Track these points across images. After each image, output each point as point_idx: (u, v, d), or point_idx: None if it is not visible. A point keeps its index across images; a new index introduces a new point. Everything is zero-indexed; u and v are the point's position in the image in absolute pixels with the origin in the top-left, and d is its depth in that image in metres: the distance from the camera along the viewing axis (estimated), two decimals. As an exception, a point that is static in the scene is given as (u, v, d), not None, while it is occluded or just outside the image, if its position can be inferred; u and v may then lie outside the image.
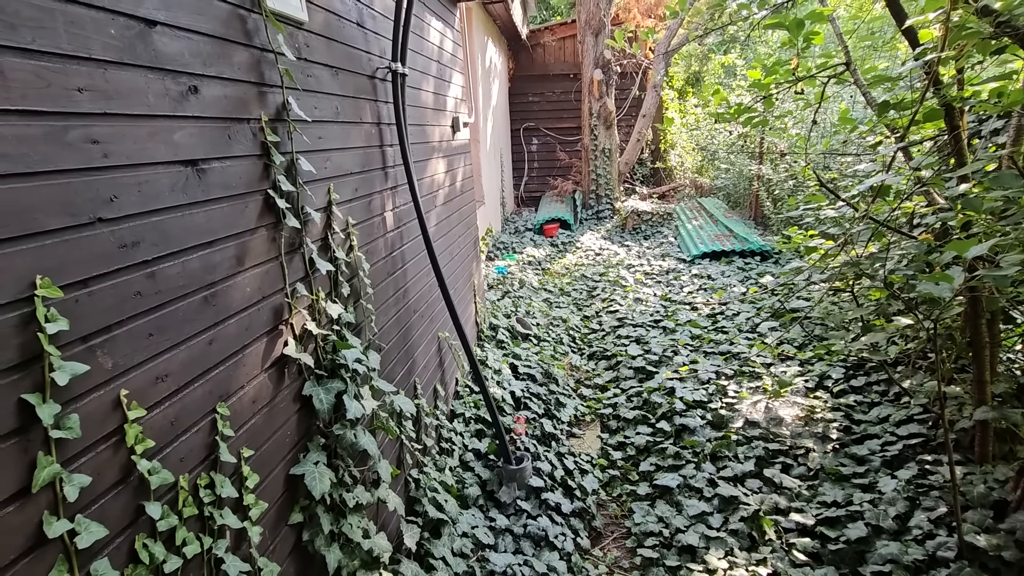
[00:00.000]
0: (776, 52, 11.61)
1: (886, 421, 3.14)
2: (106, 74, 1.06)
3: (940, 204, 2.37)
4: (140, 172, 1.14)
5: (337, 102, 2.05)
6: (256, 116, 1.53)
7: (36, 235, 0.92)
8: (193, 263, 1.28)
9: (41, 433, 0.92)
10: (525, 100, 11.16)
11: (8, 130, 0.88)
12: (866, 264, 2.30)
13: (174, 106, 1.23)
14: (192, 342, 1.28)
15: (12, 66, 0.89)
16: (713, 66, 11.81)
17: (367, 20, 2.35)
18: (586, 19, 9.20)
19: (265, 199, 1.57)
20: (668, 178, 11.32)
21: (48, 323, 0.92)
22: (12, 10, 0.89)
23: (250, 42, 1.51)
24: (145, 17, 1.15)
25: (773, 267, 6.57)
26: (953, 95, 2.23)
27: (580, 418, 3.95)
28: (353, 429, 1.87)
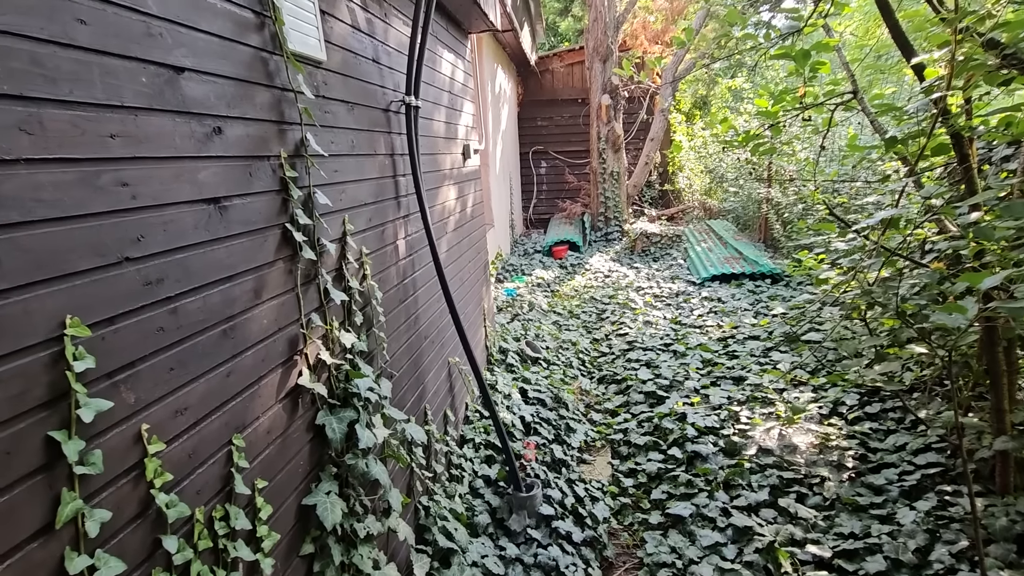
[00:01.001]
0: (783, 75, 11.72)
1: (903, 450, 3.09)
2: (137, 120, 1.11)
3: (952, 232, 2.37)
4: (166, 212, 1.18)
5: (353, 136, 2.10)
6: (276, 153, 1.58)
7: (67, 276, 0.96)
8: (214, 297, 1.31)
9: (66, 469, 0.94)
10: (534, 124, 11.31)
11: (46, 177, 0.92)
12: (878, 292, 2.30)
13: (199, 147, 1.28)
14: (211, 375, 1.30)
15: (51, 117, 0.93)
16: (720, 90, 11.93)
17: (382, 56, 2.42)
18: (594, 46, 9.36)
19: (283, 232, 1.60)
20: (676, 200, 11.36)
21: (76, 361, 0.95)
22: (53, 65, 0.94)
23: (271, 83, 1.57)
24: (174, 64, 1.21)
25: (784, 290, 6.53)
26: (961, 124, 2.25)
27: (590, 444, 3.92)
28: (365, 458, 1.87)
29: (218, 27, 1.35)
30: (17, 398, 0.87)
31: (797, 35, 2.80)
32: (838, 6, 2.83)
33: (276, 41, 1.59)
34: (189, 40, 1.26)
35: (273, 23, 1.57)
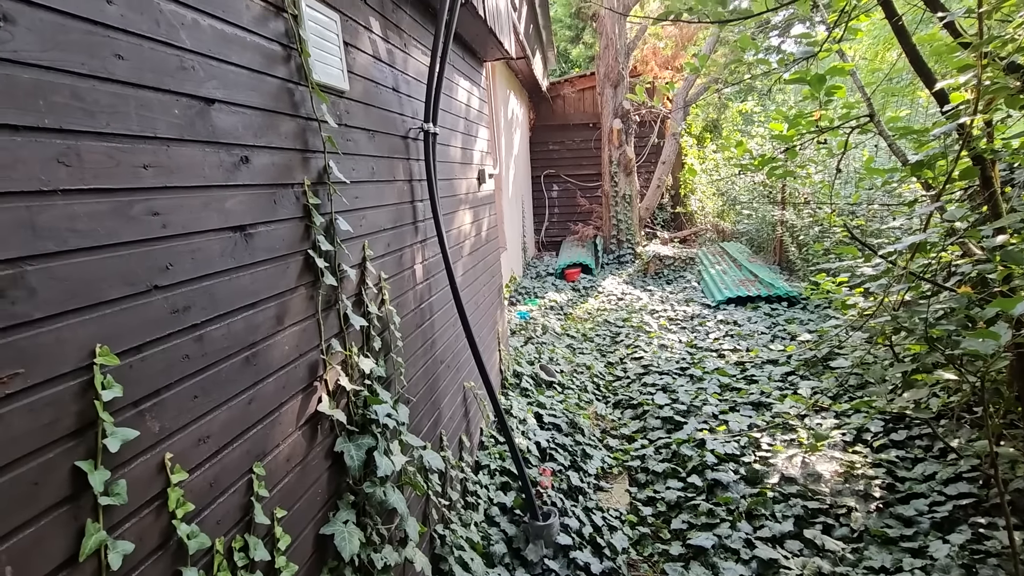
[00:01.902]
0: (794, 99, 11.77)
1: (932, 479, 2.99)
2: (169, 150, 1.13)
3: (977, 255, 2.32)
4: (193, 240, 1.19)
5: (373, 163, 2.13)
6: (300, 181, 1.60)
7: (98, 305, 0.96)
8: (238, 324, 1.32)
9: (91, 500, 0.93)
10: (546, 148, 11.43)
11: (81, 208, 0.94)
12: (904, 317, 2.25)
13: (227, 176, 1.30)
14: (233, 402, 1.30)
15: (88, 149, 0.95)
16: (731, 114, 12.00)
17: (401, 85, 2.47)
18: (605, 72, 9.50)
19: (305, 259, 1.62)
20: (689, 223, 11.35)
21: (104, 390, 0.95)
22: (92, 99, 0.96)
23: (296, 112, 1.60)
24: (205, 96, 1.23)
25: (801, 313, 6.45)
26: (984, 147, 2.23)
27: (607, 470, 3.84)
28: (383, 486, 1.85)
29: (247, 60, 1.39)
30: (48, 427, 0.87)
31: (811, 60, 2.81)
32: (852, 31, 2.85)
33: (302, 72, 1.62)
34: (220, 73, 1.29)
35: (299, 55, 1.61)
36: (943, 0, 3.02)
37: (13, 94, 0.84)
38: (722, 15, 2.37)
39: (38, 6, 0.88)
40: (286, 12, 1.56)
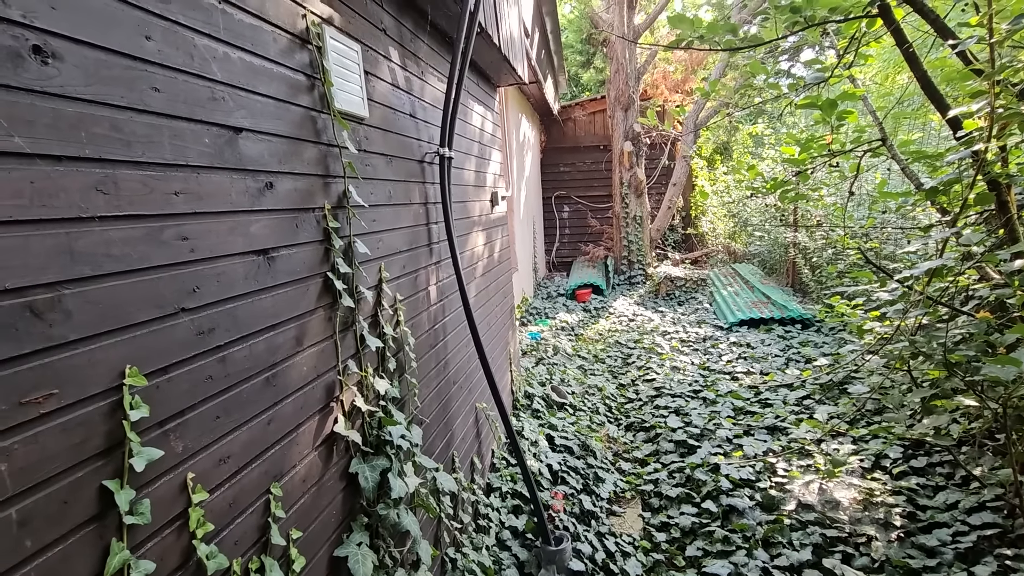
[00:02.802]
0: (804, 120, 11.80)
1: (955, 508, 2.92)
2: (199, 177, 1.17)
3: (995, 280, 2.30)
4: (219, 263, 1.22)
5: (390, 187, 2.17)
6: (320, 205, 1.64)
7: (129, 327, 0.99)
8: (259, 346, 1.34)
9: (116, 519, 0.95)
10: (557, 170, 11.54)
11: (116, 233, 0.97)
12: (922, 342, 2.23)
13: (252, 201, 1.34)
14: (253, 423, 1.32)
15: (124, 177, 0.99)
16: (742, 136, 12.07)
17: (418, 111, 2.53)
18: (615, 96, 9.62)
19: (324, 281, 1.65)
20: (700, 244, 11.33)
21: (132, 410, 0.98)
22: (130, 130, 1.00)
23: (319, 139, 1.65)
24: (234, 125, 1.28)
25: (816, 336, 6.38)
26: (998, 171, 2.23)
27: (620, 494, 3.79)
28: (396, 508, 1.85)
29: (274, 90, 1.44)
30: (78, 447, 0.89)
31: (822, 85, 2.84)
32: (862, 57, 2.88)
33: (324, 101, 1.68)
34: (248, 103, 1.34)
35: (323, 84, 1.66)
36: (952, 25, 3.05)
37: (58, 126, 0.88)
38: (732, 43, 2.42)
39: (84, 44, 0.93)
40: (311, 44, 1.62)
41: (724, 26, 2.41)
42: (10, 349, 0.80)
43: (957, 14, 2.04)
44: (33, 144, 0.84)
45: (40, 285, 0.84)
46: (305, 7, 1.60)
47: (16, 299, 0.81)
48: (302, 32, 1.58)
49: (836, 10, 2.39)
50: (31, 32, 0.85)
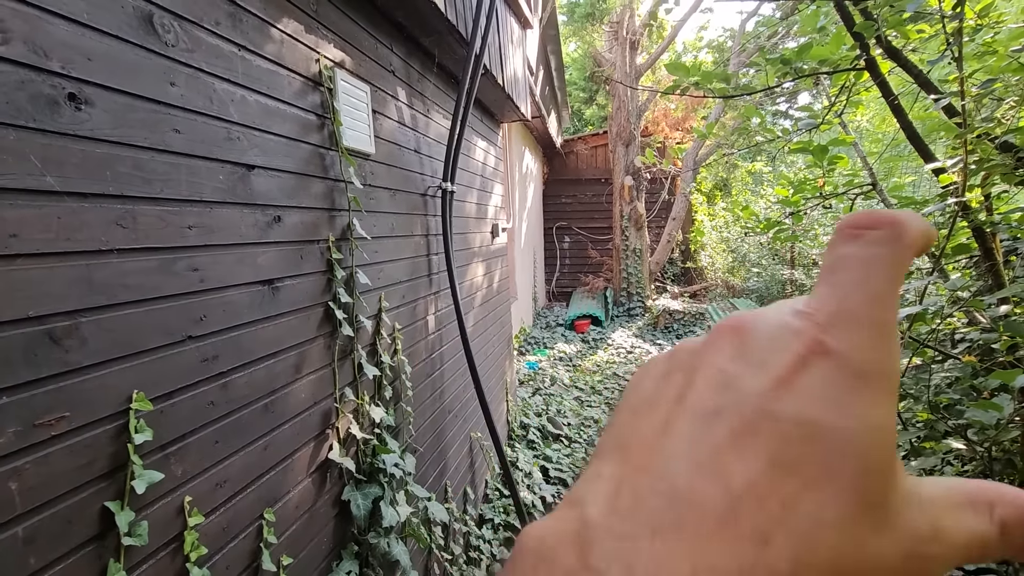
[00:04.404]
0: (802, 159, 12.02)
1: (949, 552, 2.90)
2: (211, 212, 1.24)
3: (983, 323, 2.35)
4: (226, 293, 1.28)
5: (393, 219, 2.25)
6: (324, 237, 1.71)
7: (139, 354, 1.04)
8: (260, 373, 1.39)
9: (115, 540, 0.98)
10: (558, 201, 11.72)
11: (132, 265, 1.03)
12: (909, 384, 2.26)
13: (260, 234, 1.40)
14: (250, 448, 1.35)
15: (143, 212, 1.06)
16: (741, 173, 12.28)
17: (423, 146, 2.63)
18: (617, 131, 9.85)
19: (325, 310, 1.70)
20: (699, 278, 11.42)
21: (136, 434, 1.02)
22: (151, 168, 1.08)
23: (326, 175, 1.73)
24: (247, 163, 1.36)
25: (812, 372, 6.38)
26: (983, 220, 2.30)
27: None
28: (387, 537, 1.86)
29: (286, 129, 1.52)
30: (84, 468, 0.93)
31: (814, 130, 2.95)
32: (853, 105, 2.99)
33: (333, 139, 1.76)
34: (261, 141, 1.42)
35: (332, 123, 1.75)
36: (941, 73, 3.17)
37: (86, 166, 0.95)
38: (725, 91, 2.53)
39: (114, 90, 1.01)
40: (323, 86, 1.71)
41: (717, 74, 2.52)
42: (28, 373, 0.85)
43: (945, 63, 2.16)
44: (63, 183, 0.91)
45: (60, 313, 0.90)
46: (319, 52, 1.70)
47: (37, 326, 0.86)
48: (315, 75, 1.67)
49: (825, 62, 2.51)
50: (68, 81, 0.92)
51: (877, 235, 0.18)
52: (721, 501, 0.15)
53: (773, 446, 0.16)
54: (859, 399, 0.16)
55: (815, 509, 0.15)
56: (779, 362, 0.17)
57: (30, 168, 0.86)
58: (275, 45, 1.48)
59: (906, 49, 2.54)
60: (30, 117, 0.86)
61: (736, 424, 0.16)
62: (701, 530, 0.15)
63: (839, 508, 0.15)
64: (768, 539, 0.15)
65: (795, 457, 0.15)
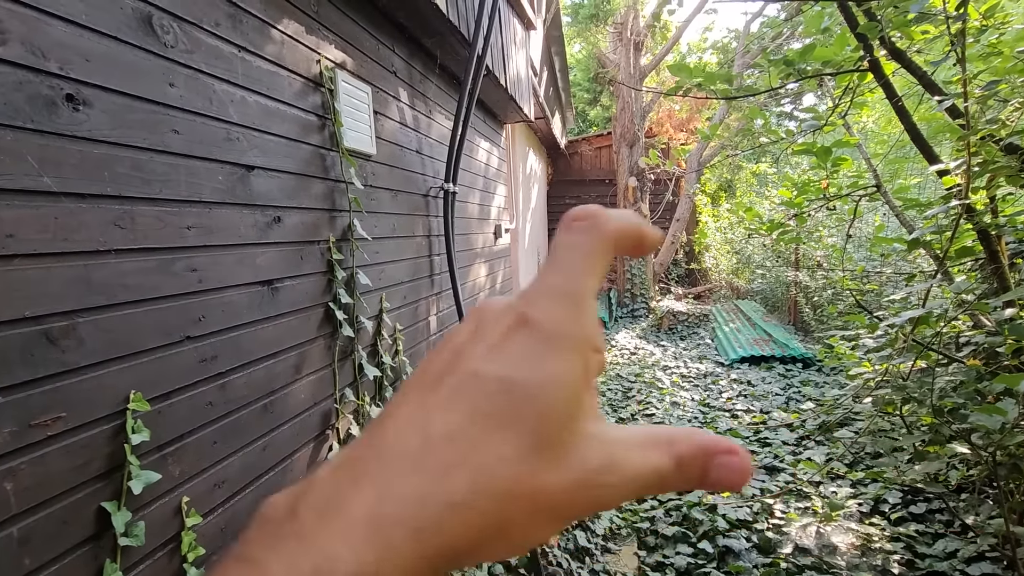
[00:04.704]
0: (807, 160, 11.96)
1: (954, 557, 2.87)
2: (211, 213, 1.24)
3: (988, 327, 2.33)
4: (225, 293, 1.28)
5: (394, 220, 2.25)
6: (325, 238, 1.71)
7: (136, 354, 1.04)
8: (259, 373, 1.39)
9: (111, 540, 0.98)
10: (562, 202, 11.71)
11: (130, 265, 1.03)
12: (912, 387, 2.25)
13: (260, 235, 1.40)
14: (249, 449, 1.35)
15: (141, 213, 1.06)
16: (745, 174, 12.24)
17: (424, 147, 2.63)
18: (621, 132, 9.84)
19: (325, 311, 1.70)
20: (703, 279, 11.39)
21: (134, 434, 1.02)
22: (149, 169, 1.08)
23: (327, 175, 1.73)
24: (247, 164, 1.36)
25: (816, 375, 6.36)
26: (988, 222, 2.28)
27: (616, 531, 3.75)
28: (386, 539, 1.85)
29: (286, 130, 1.52)
30: (80, 468, 0.93)
31: (817, 132, 2.93)
32: (857, 106, 2.98)
33: (334, 139, 1.76)
34: (261, 142, 1.42)
35: (333, 124, 1.75)
36: (945, 74, 3.15)
37: (84, 166, 0.95)
38: (728, 92, 2.52)
39: (113, 91, 1.01)
40: (323, 87, 1.71)
41: (720, 75, 2.51)
42: (25, 373, 0.85)
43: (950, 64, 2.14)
44: (60, 183, 0.91)
45: (57, 314, 0.90)
46: (319, 53, 1.70)
47: (34, 327, 0.86)
48: (315, 76, 1.68)
49: (829, 63, 2.49)
50: (65, 82, 0.92)
51: (580, 225, 0.22)
52: (417, 447, 0.18)
53: (475, 400, 0.19)
54: (546, 358, 0.19)
55: (497, 447, 0.18)
56: (493, 333, 0.20)
57: (27, 168, 0.86)
58: (275, 46, 1.48)
59: (910, 50, 2.52)
60: (28, 118, 0.86)
61: (452, 385, 0.19)
62: (395, 471, 0.18)
63: (517, 445, 0.18)
64: (450, 472, 0.17)
65: (491, 408, 0.18)
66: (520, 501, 0.18)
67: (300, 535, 0.17)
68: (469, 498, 0.17)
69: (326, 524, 0.17)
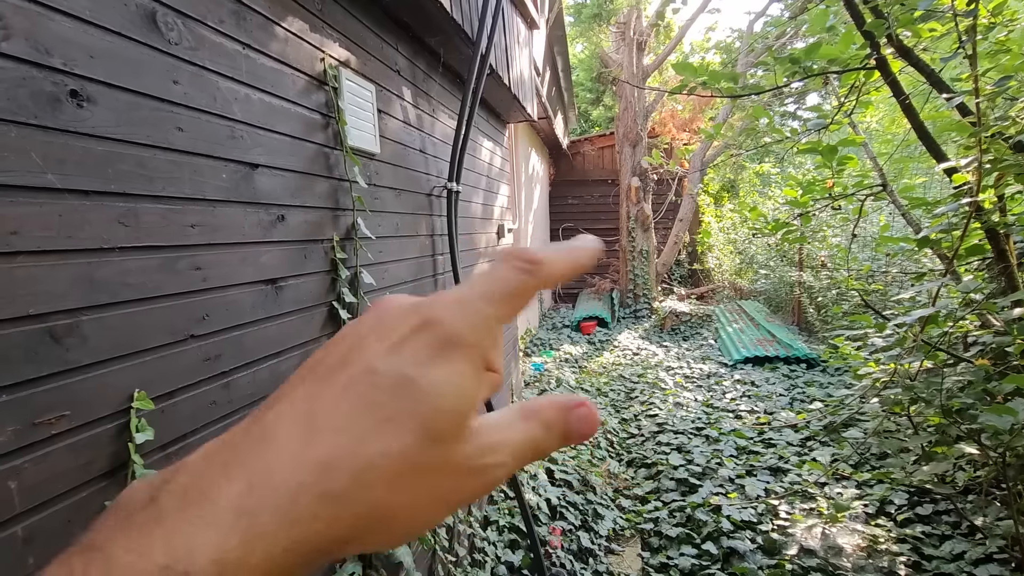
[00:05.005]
0: (811, 160, 11.93)
1: (961, 559, 2.85)
2: (214, 211, 1.23)
3: (996, 327, 2.32)
4: (229, 292, 1.28)
5: (398, 219, 2.24)
6: (329, 236, 1.70)
7: (140, 352, 1.04)
8: (263, 372, 1.38)
9: (115, 540, 0.97)
10: (565, 202, 11.70)
11: (133, 263, 1.03)
12: (920, 387, 2.23)
13: (264, 233, 1.40)
14: (252, 448, 1.34)
15: (145, 211, 1.05)
16: (748, 175, 12.21)
17: (428, 147, 2.62)
18: (623, 132, 9.82)
19: (329, 310, 1.69)
20: (706, 279, 11.36)
21: (137, 433, 1.01)
22: (153, 166, 1.07)
23: (330, 174, 1.72)
24: (251, 162, 1.35)
25: (821, 376, 6.33)
26: (996, 221, 2.26)
27: (619, 532, 3.73)
28: (390, 539, 1.84)
29: (290, 128, 1.52)
30: (84, 467, 0.92)
31: (823, 131, 2.91)
32: (863, 105, 2.96)
33: (338, 138, 1.76)
34: (265, 140, 1.41)
35: (336, 123, 1.75)
36: (952, 72, 3.13)
37: (87, 163, 0.95)
38: (733, 90, 2.50)
39: (117, 88, 1.00)
40: (327, 85, 1.71)
41: (725, 74, 2.50)
42: (29, 372, 0.84)
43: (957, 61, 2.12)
44: (63, 180, 0.90)
45: (60, 312, 0.89)
46: (324, 51, 1.70)
47: (38, 324, 0.86)
48: (319, 74, 1.67)
49: (835, 62, 2.48)
50: (69, 78, 0.92)
51: (519, 264, 0.23)
52: (300, 437, 0.18)
53: (368, 394, 0.19)
54: (446, 361, 0.20)
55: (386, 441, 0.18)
56: (395, 332, 0.20)
57: (31, 165, 0.85)
58: (280, 44, 1.48)
59: (917, 48, 2.50)
60: (31, 114, 0.86)
61: (346, 378, 0.19)
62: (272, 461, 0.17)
63: (406, 441, 0.18)
64: (332, 464, 0.17)
65: (384, 402, 0.19)
66: (404, 493, 0.18)
67: (157, 520, 0.16)
68: (351, 490, 0.17)
69: (187, 509, 0.16)
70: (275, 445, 0.18)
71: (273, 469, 0.17)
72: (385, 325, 0.21)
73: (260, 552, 0.16)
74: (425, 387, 0.19)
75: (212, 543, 0.16)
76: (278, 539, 0.16)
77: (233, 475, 0.17)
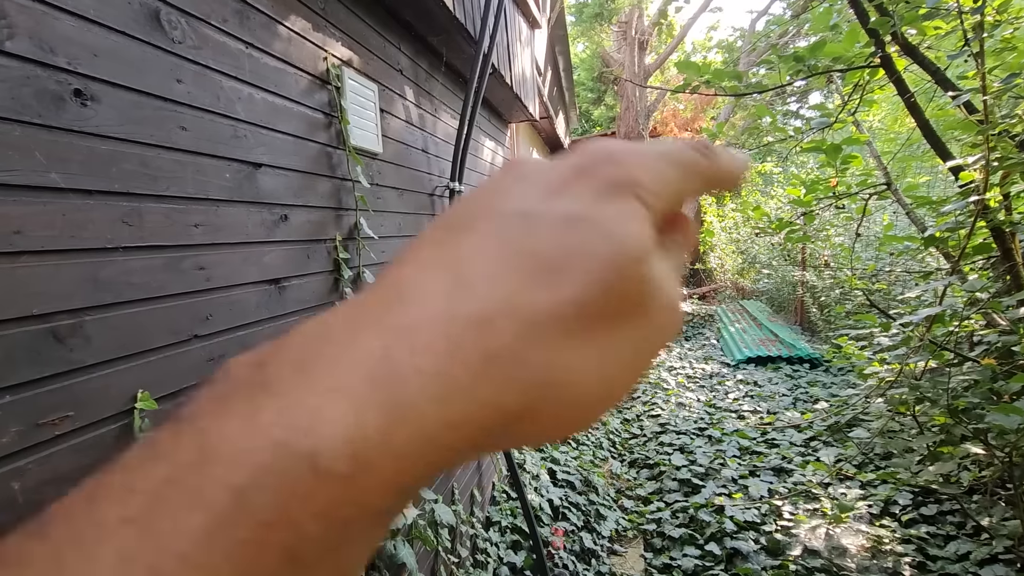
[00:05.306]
0: (813, 159, 11.91)
1: (966, 559, 2.84)
2: (218, 211, 1.23)
3: (1002, 326, 2.30)
4: (232, 292, 1.27)
5: (400, 219, 2.24)
6: (332, 236, 1.70)
7: (144, 352, 1.03)
8: (266, 373, 1.38)
9: (119, 541, 0.97)
10: (567, 202, 11.69)
11: (137, 263, 1.02)
12: (926, 387, 2.22)
13: (267, 233, 1.39)
14: (256, 449, 1.34)
15: (149, 210, 1.05)
16: (750, 174, 12.19)
17: (430, 146, 2.61)
18: (625, 132, 9.81)
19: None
20: (708, 279, 11.35)
21: (141, 433, 1.01)
22: (156, 165, 1.07)
23: (333, 174, 1.71)
24: (254, 161, 1.35)
25: (824, 376, 6.31)
26: (1002, 219, 2.25)
27: (622, 533, 3.72)
28: (393, 539, 1.84)
29: (293, 127, 1.51)
30: (87, 468, 0.92)
31: (827, 130, 2.90)
32: (867, 103, 2.95)
33: (340, 137, 1.75)
34: (268, 140, 1.41)
35: (339, 122, 1.74)
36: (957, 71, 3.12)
37: (91, 163, 0.94)
38: (736, 88, 2.49)
39: (120, 87, 1.00)
40: (330, 84, 1.70)
41: (728, 72, 2.49)
42: (32, 372, 0.84)
43: (961, 60, 2.12)
44: (67, 179, 0.90)
45: (64, 311, 0.89)
46: (327, 50, 1.69)
47: (41, 324, 0.85)
48: (322, 73, 1.66)
49: (839, 59, 2.47)
50: (73, 77, 0.91)
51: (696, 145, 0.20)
52: (446, 294, 0.15)
53: (524, 239, 0.16)
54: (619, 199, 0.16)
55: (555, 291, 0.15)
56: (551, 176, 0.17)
57: (35, 164, 0.85)
58: (283, 43, 1.47)
59: (922, 46, 2.49)
60: (35, 113, 0.85)
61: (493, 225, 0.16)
62: (412, 318, 0.14)
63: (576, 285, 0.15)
64: (490, 318, 0.14)
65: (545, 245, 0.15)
66: (584, 349, 0.15)
67: (268, 390, 0.13)
68: (518, 349, 0.14)
69: (308, 376, 0.13)
70: (416, 304, 0.14)
71: (419, 328, 0.14)
72: (535, 171, 0.18)
73: (408, 431, 0.13)
74: (601, 222, 0.16)
75: (343, 418, 0.13)
76: (428, 415, 0.13)
77: (364, 337, 0.14)
